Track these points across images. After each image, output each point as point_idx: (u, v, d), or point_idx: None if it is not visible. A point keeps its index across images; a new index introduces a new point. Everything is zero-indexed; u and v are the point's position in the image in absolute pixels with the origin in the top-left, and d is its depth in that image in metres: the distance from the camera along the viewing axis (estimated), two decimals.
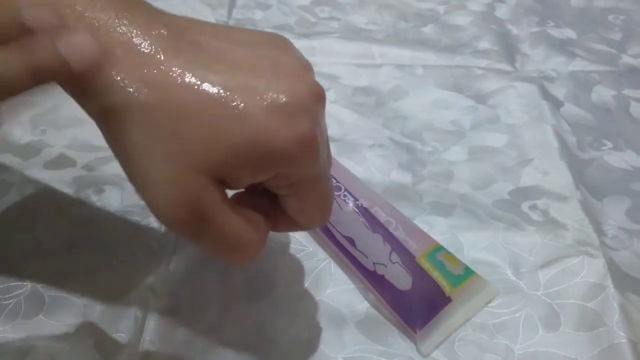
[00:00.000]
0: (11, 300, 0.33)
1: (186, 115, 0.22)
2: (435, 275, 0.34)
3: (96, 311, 0.33)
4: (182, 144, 0.22)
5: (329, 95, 0.48)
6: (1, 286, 0.34)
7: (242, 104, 0.23)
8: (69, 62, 0.21)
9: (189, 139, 0.22)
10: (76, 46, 0.21)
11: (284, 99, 0.23)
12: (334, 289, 0.35)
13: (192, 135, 0.22)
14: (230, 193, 0.25)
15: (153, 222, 0.38)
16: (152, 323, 0.33)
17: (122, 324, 0.33)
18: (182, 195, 0.23)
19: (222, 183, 0.24)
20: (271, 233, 0.28)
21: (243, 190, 0.27)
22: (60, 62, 0.21)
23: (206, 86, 0.23)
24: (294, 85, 0.24)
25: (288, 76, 0.24)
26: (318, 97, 0.25)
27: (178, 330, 0.33)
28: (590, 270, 0.36)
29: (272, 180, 0.25)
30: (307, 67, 0.26)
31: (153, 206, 0.23)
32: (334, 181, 0.37)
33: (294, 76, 0.24)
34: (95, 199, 0.39)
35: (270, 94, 0.23)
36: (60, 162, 0.41)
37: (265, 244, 0.26)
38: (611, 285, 0.35)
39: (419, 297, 0.33)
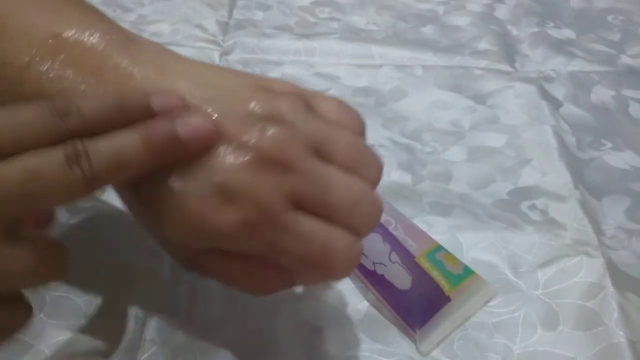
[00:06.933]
0: None
1: None
2: (435, 274, 0.34)
3: (97, 311, 0.33)
4: None
5: None
6: None
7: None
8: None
9: None
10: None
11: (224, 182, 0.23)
12: (333, 288, 0.35)
13: None
14: None
15: None
16: (153, 323, 0.33)
17: (123, 324, 0.33)
18: None
19: None
20: None
21: None
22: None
23: None
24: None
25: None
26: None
27: (178, 330, 0.33)
28: (589, 269, 0.36)
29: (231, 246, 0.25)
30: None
31: None
32: None
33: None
34: (97, 199, 0.39)
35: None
36: None
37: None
38: (610, 285, 0.35)
39: (418, 297, 0.33)
